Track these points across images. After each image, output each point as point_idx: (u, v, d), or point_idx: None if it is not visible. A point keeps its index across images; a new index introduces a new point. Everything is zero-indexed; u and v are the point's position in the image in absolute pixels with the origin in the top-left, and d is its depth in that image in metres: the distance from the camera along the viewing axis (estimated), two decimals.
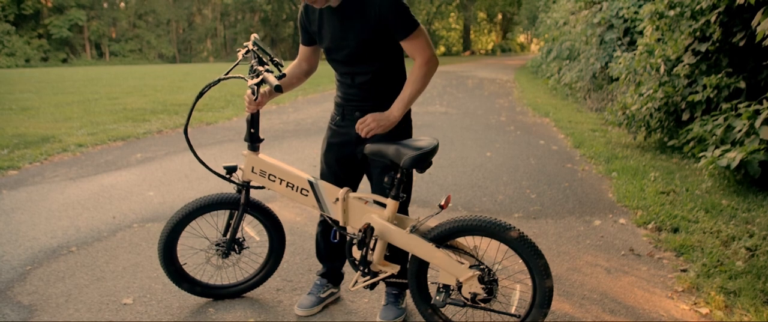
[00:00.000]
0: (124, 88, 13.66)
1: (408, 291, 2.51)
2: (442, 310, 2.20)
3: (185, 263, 2.50)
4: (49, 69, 27.00)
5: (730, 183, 4.23)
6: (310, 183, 2.15)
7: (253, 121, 2.21)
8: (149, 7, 39.19)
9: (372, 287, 2.19)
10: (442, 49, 46.33)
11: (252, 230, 2.67)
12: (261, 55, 2.14)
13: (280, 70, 2.17)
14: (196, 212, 2.34)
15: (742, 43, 4.70)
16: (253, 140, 2.23)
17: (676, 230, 3.41)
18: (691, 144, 4.79)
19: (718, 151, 4.09)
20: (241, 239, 2.43)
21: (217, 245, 2.40)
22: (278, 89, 1.95)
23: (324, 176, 2.33)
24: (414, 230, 2.05)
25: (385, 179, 2.04)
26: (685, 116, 5.28)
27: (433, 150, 1.98)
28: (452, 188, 4.46)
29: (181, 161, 5.36)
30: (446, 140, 6.50)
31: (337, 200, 2.11)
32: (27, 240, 3.26)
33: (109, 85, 14.58)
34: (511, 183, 4.61)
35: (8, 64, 30.99)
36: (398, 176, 2.01)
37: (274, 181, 2.22)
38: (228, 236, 2.39)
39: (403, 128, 2.21)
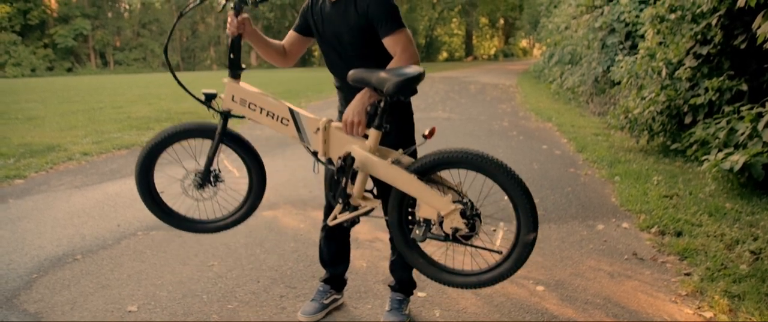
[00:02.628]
0: (128, 97, 13.74)
1: (411, 298, 2.52)
2: (422, 247, 2.13)
3: (163, 192, 2.39)
4: (54, 78, 27.18)
5: (733, 186, 4.22)
6: (291, 111, 2.09)
7: (234, 46, 2.12)
8: (153, 16, 39.46)
9: (352, 224, 2.13)
10: (445, 54, 46.41)
11: (232, 164, 2.45)
12: None
13: None
14: (172, 138, 2.23)
15: (743, 46, 4.71)
16: (234, 67, 2.14)
17: (679, 234, 3.40)
18: (694, 147, 4.79)
19: (721, 155, 4.08)
20: (216, 171, 2.30)
21: (194, 175, 2.29)
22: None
23: (327, 180, 2.33)
24: (396, 162, 1.99)
25: (369, 108, 1.98)
26: (688, 119, 5.27)
27: (418, 76, 1.90)
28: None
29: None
30: (449, 145, 6.50)
31: (318, 129, 2.04)
32: (33, 248, 3.29)
33: (113, 94, 14.67)
34: None
35: (14, 74, 31.19)
36: (382, 104, 1.95)
37: (254, 110, 2.14)
38: (203, 167, 2.27)
39: (403, 126, 2.21)
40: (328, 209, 2.43)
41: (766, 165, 3.87)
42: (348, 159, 1.99)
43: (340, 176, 2.02)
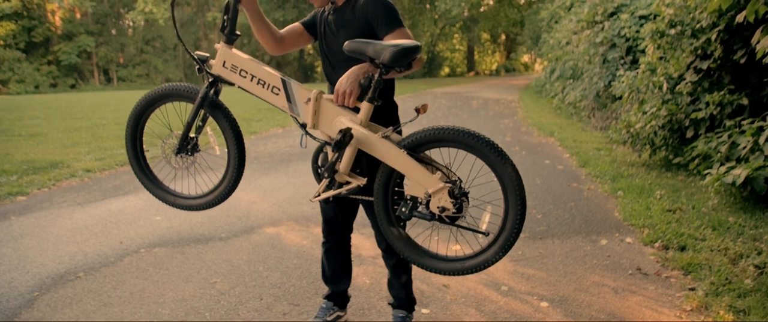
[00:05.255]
0: None
1: (414, 315, 2.51)
2: (406, 229, 2.10)
3: (148, 151, 2.37)
4: (57, 95, 27.34)
5: (736, 200, 4.21)
6: (283, 81, 2.06)
7: (230, 10, 2.07)
8: (156, 33, 39.72)
9: (337, 202, 2.10)
10: (447, 70, 46.57)
11: (216, 142, 2.44)
12: None
13: None
14: (158, 99, 2.22)
15: (743, 61, 4.72)
16: (228, 33, 2.10)
17: (683, 249, 3.39)
18: (696, 161, 4.79)
19: (723, 169, 4.08)
20: (194, 138, 2.24)
21: (173, 137, 2.25)
22: None
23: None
24: (385, 137, 1.97)
25: (362, 80, 1.95)
26: (690, 133, 5.28)
27: (415, 48, 1.89)
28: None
29: (189, 184, 5.39)
30: (451, 160, 6.50)
31: (309, 100, 2.02)
32: (35, 266, 3.28)
33: (116, 111, 14.73)
34: None
35: (18, 91, 31.35)
36: (376, 76, 1.93)
37: (245, 77, 2.09)
38: (182, 131, 2.22)
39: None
40: (327, 226, 2.43)
41: None
42: (347, 135, 1.94)
43: (336, 149, 1.97)
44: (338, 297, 2.54)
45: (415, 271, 2.67)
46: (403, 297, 2.43)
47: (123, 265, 3.31)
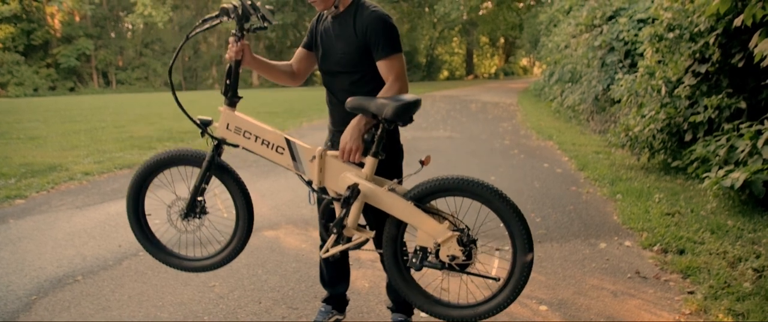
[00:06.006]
0: (130, 117, 13.80)
1: (413, 319, 2.51)
2: (416, 278, 2.13)
3: (150, 215, 2.37)
4: (56, 98, 27.33)
5: (734, 203, 4.21)
6: (287, 141, 2.09)
7: (232, 73, 2.09)
8: (156, 36, 39.75)
9: (344, 256, 2.12)
10: (446, 73, 46.65)
11: (222, 204, 2.46)
12: (247, 10, 2.04)
13: (267, 22, 2.06)
14: (162, 165, 2.22)
15: (741, 64, 4.74)
16: (231, 95, 2.11)
17: (682, 252, 3.39)
18: (695, 165, 4.79)
19: (721, 172, 4.08)
20: (202, 202, 2.25)
21: (181, 202, 2.25)
22: (262, 27, 1.95)
23: (318, 198, 2.32)
24: (391, 190, 2.00)
25: (365, 136, 1.99)
26: (688, 137, 5.29)
27: (416, 103, 1.93)
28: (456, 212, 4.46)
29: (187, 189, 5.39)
30: (450, 165, 6.51)
31: (314, 157, 2.04)
32: (33, 269, 3.28)
33: (115, 114, 14.73)
34: None
35: (17, 94, 31.34)
36: (379, 131, 1.96)
37: (249, 138, 2.12)
38: (190, 196, 2.23)
39: (392, 151, 2.21)
40: (325, 229, 2.43)
41: (767, 182, 3.87)
42: (355, 190, 1.98)
43: (343, 206, 2.01)
44: (337, 300, 2.54)
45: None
46: (401, 301, 2.43)
47: (122, 268, 3.30)
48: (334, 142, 2.26)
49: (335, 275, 2.48)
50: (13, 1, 32.37)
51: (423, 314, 2.65)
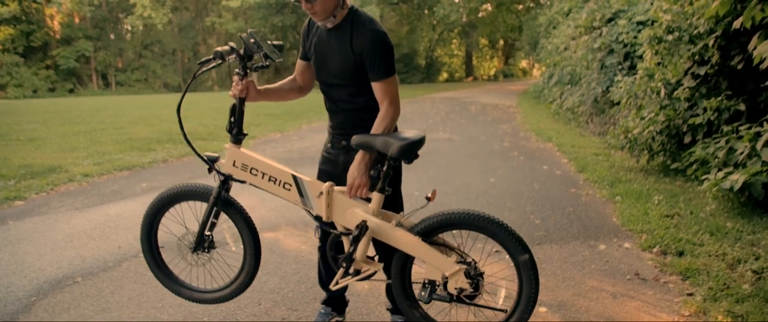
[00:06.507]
0: (129, 118, 13.79)
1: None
2: (426, 308, 2.17)
3: (163, 247, 2.43)
4: (56, 99, 27.31)
5: (734, 205, 4.22)
6: (294, 177, 2.11)
7: (236, 110, 2.11)
8: (155, 38, 39.74)
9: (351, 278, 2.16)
10: (445, 75, 46.64)
11: (231, 238, 2.51)
12: (251, 49, 2.06)
13: (271, 59, 2.08)
14: (171, 200, 2.28)
15: (740, 66, 4.75)
16: (236, 132, 2.14)
17: (681, 254, 3.40)
18: (694, 167, 4.80)
19: (720, 174, 4.09)
20: (210, 237, 2.30)
21: (191, 236, 2.30)
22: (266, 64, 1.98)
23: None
24: (399, 225, 2.04)
25: (371, 172, 2.02)
26: (687, 139, 5.29)
27: (420, 141, 1.97)
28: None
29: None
30: (450, 167, 6.52)
31: (321, 194, 2.07)
32: (32, 271, 3.28)
33: (115, 115, 14.73)
34: (515, 209, 4.61)
35: (16, 95, 31.31)
36: (385, 167, 1.99)
37: (256, 175, 2.14)
38: (198, 230, 2.28)
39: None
40: (324, 232, 2.43)
41: (766, 184, 3.88)
42: (363, 228, 2.02)
43: (353, 244, 2.05)
44: (336, 302, 2.54)
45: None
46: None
47: (121, 270, 3.30)
48: (334, 144, 2.27)
49: (333, 275, 2.48)
50: (12, 3, 32.36)
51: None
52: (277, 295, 2.92)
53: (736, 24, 3.71)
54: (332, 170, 2.28)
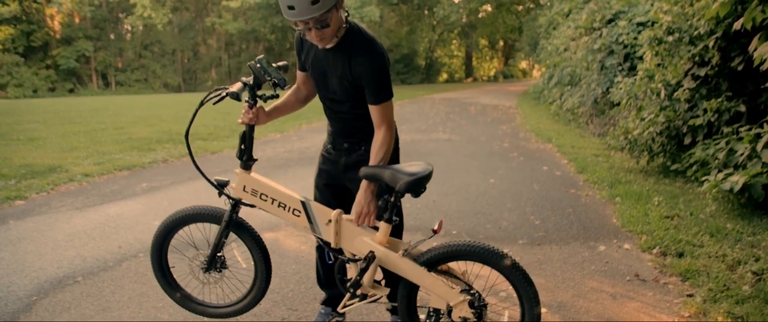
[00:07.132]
0: (129, 118, 13.80)
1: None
2: None
3: (173, 266, 2.49)
4: (56, 99, 27.31)
5: (734, 207, 4.22)
6: (303, 204, 2.13)
7: (246, 137, 2.15)
8: (155, 38, 39.72)
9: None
10: (445, 75, 46.66)
11: (241, 256, 2.57)
12: (260, 77, 2.09)
13: (277, 89, 2.12)
14: (182, 222, 2.32)
15: (740, 68, 4.75)
16: (245, 158, 2.17)
17: (681, 255, 3.40)
18: (694, 168, 4.80)
19: (720, 175, 4.09)
20: (222, 258, 2.37)
21: (202, 257, 2.36)
22: (275, 93, 1.99)
23: (316, 199, 2.37)
24: (406, 254, 2.07)
25: (379, 202, 2.05)
26: (687, 140, 5.30)
27: (428, 176, 2.00)
28: (456, 215, 4.47)
29: (187, 191, 5.40)
30: (450, 168, 6.52)
31: (330, 221, 2.11)
32: (33, 270, 3.28)
33: (115, 115, 14.73)
34: (515, 210, 4.61)
35: (16, 95, 31.30)
36: (392, 199, 2.02)
37: (265, 200, 2.17)
38: (210, 251, 2.33)
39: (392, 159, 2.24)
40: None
41: (766, 185, 3.88)
42: (371, 258, 2.06)
43: (362, 274, 2.09)
44: (335, 301, 2.53)
45: None
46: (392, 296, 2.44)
47: (122, 269, 3.30)
48: (334, 145, 2.28)
49: (332, 275, 2.49)
50: (12, 3, 32.35)
51: (422, 316, 2.65)
52: (277, 295, 2.92)
53: (737, 25, 3.71)
54: (333, 171, 2.29)
